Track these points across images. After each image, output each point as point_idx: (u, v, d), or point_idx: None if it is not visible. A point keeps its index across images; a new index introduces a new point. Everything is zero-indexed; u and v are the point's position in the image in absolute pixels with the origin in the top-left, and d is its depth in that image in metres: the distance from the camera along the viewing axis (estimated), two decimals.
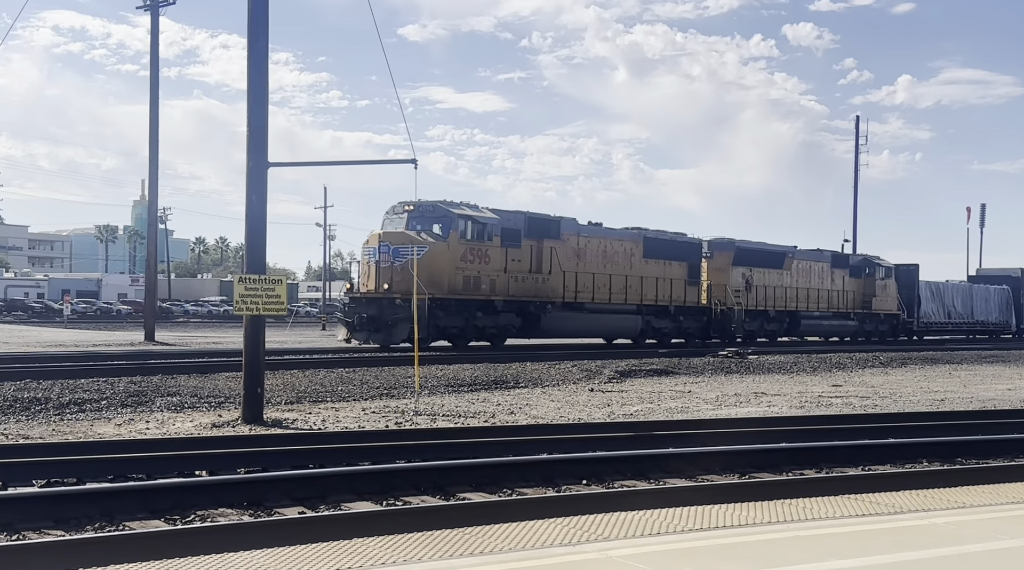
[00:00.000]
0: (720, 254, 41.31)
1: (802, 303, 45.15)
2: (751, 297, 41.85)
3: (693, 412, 15.77)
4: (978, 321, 59.40)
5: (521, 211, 32.66)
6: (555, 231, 33.41)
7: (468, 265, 30.13)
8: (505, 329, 31.83)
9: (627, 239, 36.98)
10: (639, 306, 36.74)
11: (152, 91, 37.35)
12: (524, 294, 31.93)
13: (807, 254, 46.46)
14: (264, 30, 14.10)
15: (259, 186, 14.11)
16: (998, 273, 66.24)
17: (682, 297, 38.58)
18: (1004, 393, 20.76)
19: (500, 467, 9.54)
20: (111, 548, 6.28)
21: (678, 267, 38.62)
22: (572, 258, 33.83)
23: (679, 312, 38.66)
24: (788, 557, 5.50)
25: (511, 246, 31.51)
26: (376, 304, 29.08)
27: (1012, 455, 11.80)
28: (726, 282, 40.73)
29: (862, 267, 49.56)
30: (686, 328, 39.10)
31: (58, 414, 13.92)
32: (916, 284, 53.12)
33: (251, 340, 13.95)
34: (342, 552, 5.64)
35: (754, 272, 42.32)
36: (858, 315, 48.60)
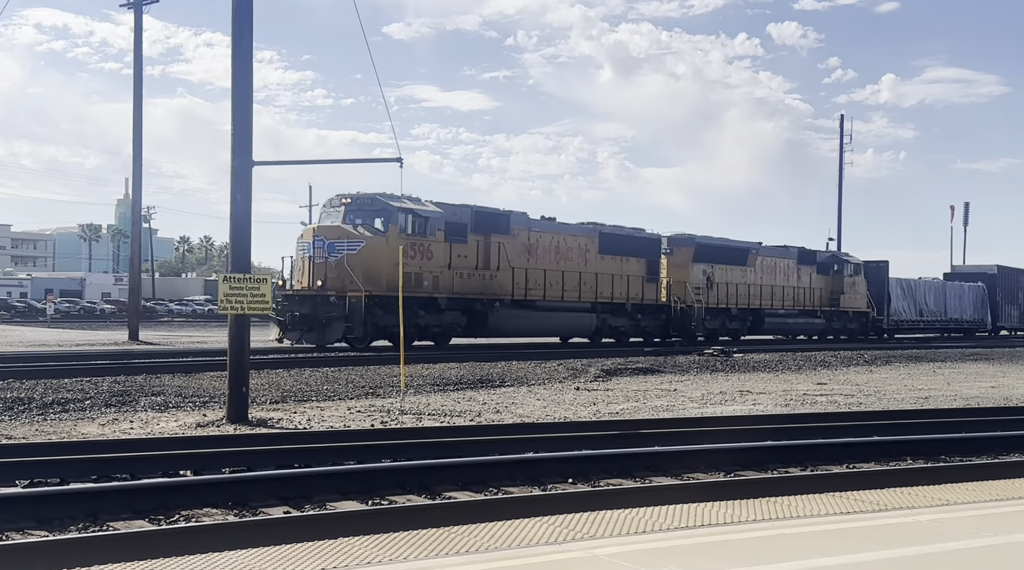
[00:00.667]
0: (680, 250, 40.10)
1: (766, 301, 43.86)
2: (712, 295, 40.68)
3: (679, 410, 15.80)
4: (951, 319, 58.51)
5: (467, 205, 31.29)
6: (504, 226, 32.20)
7: (410, 261, 28.49)
8: (450, 328, 30.54)
9: (582, 234, 35.72)
10: (594, 304, 35.38)
11: (136, 89, 37.17)
12: (470, 291, 30.59)
13: (772, 250, 45.24)
14: (248, 28, 14.06)
15: (244, 185, 14.07)
16: (973, 271, 65.11)
17: (640, 294, 37.34)
18: (988, 391, 20.88)
19: (486, 466, 9.54)
20: (95, 548, 6.25)
21: (636, 264, 37.36)
22: (523, 254, 32.62)
23: (637, 310, 37.40)
24: (773, 555, 5.51)
25: (456, 241, 30.27)
26: (310, 302, 27.79)
27: (995, 453, 11.87)
28: (686, 279, 39.53)
29: (830, 264, 48.45)
30: (644, 327, 37.88)
31: (41, 414, 13.84)
32: (886, 281, 52.14)
33: (236, 339, 13.91)
34: (327, 551, 5.63)
35: (715, 269, 41.04)
36: (825, 313, 47.56)
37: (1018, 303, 65.23)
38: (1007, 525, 6.47)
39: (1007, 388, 21.64)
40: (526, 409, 15.57)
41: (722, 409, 16.17)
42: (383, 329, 28.38)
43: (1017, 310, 64.99)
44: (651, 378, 22.40)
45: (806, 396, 18.72)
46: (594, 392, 18.65)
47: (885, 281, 51.75)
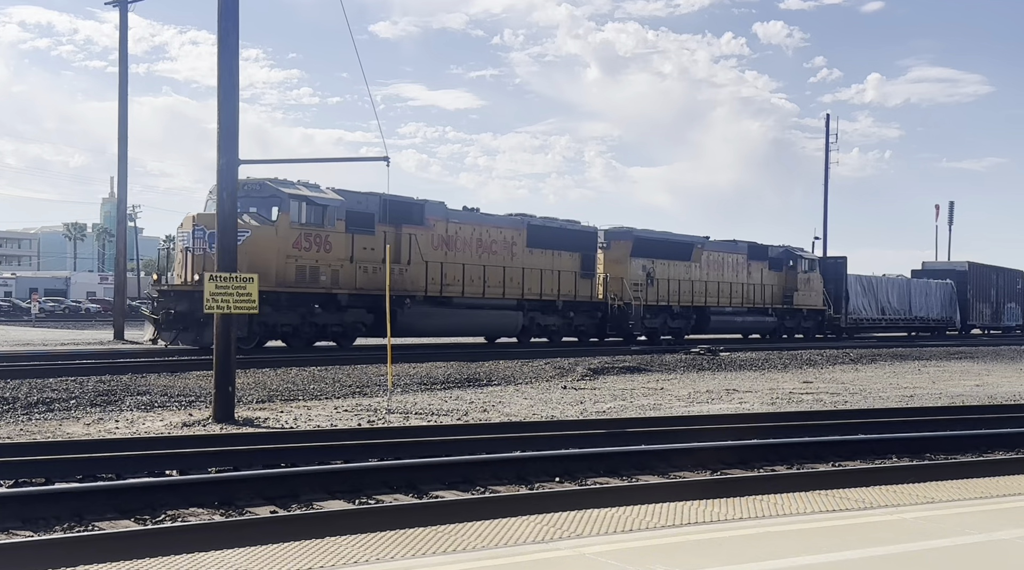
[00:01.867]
0: (618, 244, 37.86)
1: (712, 298, 41.47)
2: (652, 291, 38.40)
3: (665, 409, 15.83)
4: (917, 317, 56.66)
5: (376, 193, 28.86)
6: (418, 216, 30.03)
7: (303, 253, 26.36)
8: (353, 327, 28.29)
9: (508, 226, 33.36)
10: (520, 301, 33.05)
11: (121, 87, 37.01)
12: (376, 287, 27.55)
13: (719, 245, 43.02)
14: (234, 27, 14.01)
15: (230, 184, 14.03)
16: (943, 268, 63.51)
17: (573, 291, 34.99)
18: (972, 389, 20.99)
19: (473, 465, 9.53)
20: (80, 548, 6.23)
21: (569, 258, 35.03)
22: (439, 246, 30.43)
23: (569, 308, 35.13)
24: (759, 553, 5.53)
25: (361, 232, 27.94)
26: (187, 298, 25.05)
27: (980, 451, 11.94)
28: (624, 275, 37.32)
29: (783, 259, 46.09)
30: (578, 325, 35.75)
31: (26, 414, 13.77)
32: (844, 278, 50.16)
33: (222, 339, 13.87)
34: (314, 551, 5.61)
35: (656, 264, 38.86)
36: (777, 311, 45.32)
37: (990, 301, 63.84)
38: (992, 522, 6.50)
39: (992, 387, 21.75)
40: (513, 408, 15.57)
41: (709, 408, 16.21)
42: (273, 329, 26.50)
43: (989, 308, 63.59)
44: (638, 377, 22.43)
45: (792, 395, 18.78)
46: (581, 391, 18.66)
47: (843, 278, 50.06)
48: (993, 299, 63.73)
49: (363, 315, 28.15)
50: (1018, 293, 67.62)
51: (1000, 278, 65.12)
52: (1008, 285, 65.97)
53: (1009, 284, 66.21)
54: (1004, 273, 66.46)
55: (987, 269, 64.61)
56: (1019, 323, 67.31)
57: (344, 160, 32.86)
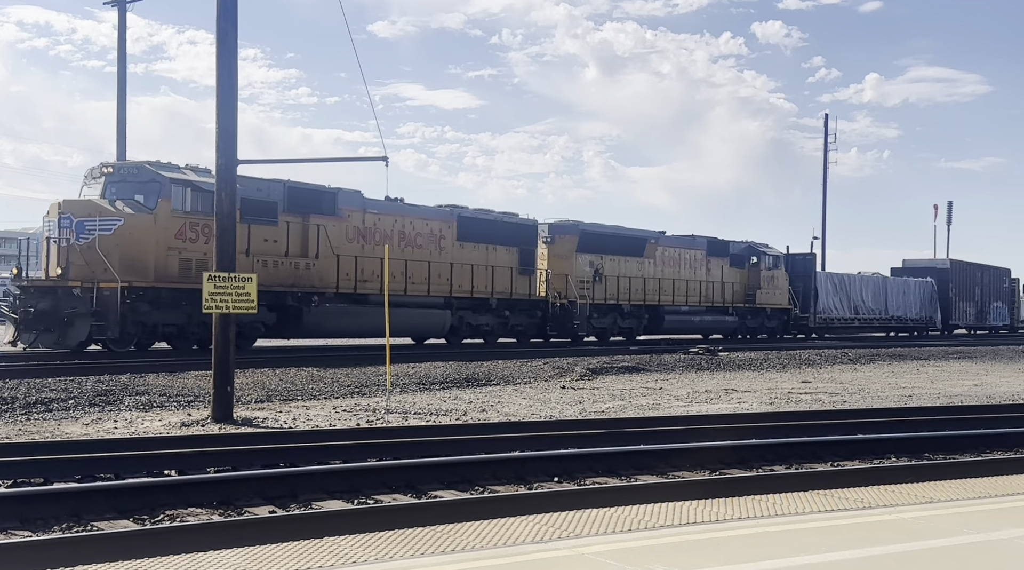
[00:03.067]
0: (562, 239, 35.64)
1: (666, 296, 39.12)
2: (600, 289, 36.08)
3: (664, 409, 15.83)
4: (894, 317, 54.44)
5: (280, 180, 26.36)
6: (329, 205, 27.50)
7: (188, 245, 23.70)
8: (250, 327, 25.19)
9: (436, 219, 31.00)
10: (448, 299, 30.68)
11: (120, 87, 37.04)
12: (278, 283, 25.56)
13: (675, 240, 40.78)
14: (233, 26, 14.01)
15: (229, 184, 14.03)
16: (924, 265, 60.42)
17: (509, 288, 32.58)
18: (971, 389, 21.00)
19: (472, 465, 9.53)
20: (79, 549, 6.22)
21: (505, 253, 32.65)
22: (354, 239, 27.98)
23: (505, 306, 32.66)
24: (758, 553, 5.53)
25: (260, 222, 25.33)
26: (50, 295, 22.71)
27: (978, 451, 11.94)
28: (569, 272, 35.09)
29: (745, 256, 43.71)
30: (515, 325, 33.31)
31: (24, 413, 13.76)
32: (813, 275, 47.80)
33: (220, 339, 13.87)
34: (313, 551, 5.61)
35: (605, 260, 36.52)
36: (739, 310, 42.95)
37: (975, 300, 61.49)
38: (990, 522, 6.50)
39: (990, 386, 21.76)
40: (512, 408, 15.57)
41: (707, 407, 16.21)
42: (153, 329, 24.05)
43: (973, 308, 61.27)
44: (637, 376, 22.44)
45: (791, 394, 18.79)
46: (580, 391, 18.67)
47: (812, 275, 47.74)
48: (978, 298, 61.68)
49: (262, 314, 25.04)
50: (1005, 292, 65.68)
51: (985, 276, 63.04)
52: (994, 284, 63.99)
53: (995, 283, 64.19)
54: (990, 271, 64.35)
55: (971, 267, 62.37)
56: (1006, 323, 65.35)
57: (343, 160, 32.65)
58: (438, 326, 30.65)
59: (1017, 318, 68.04)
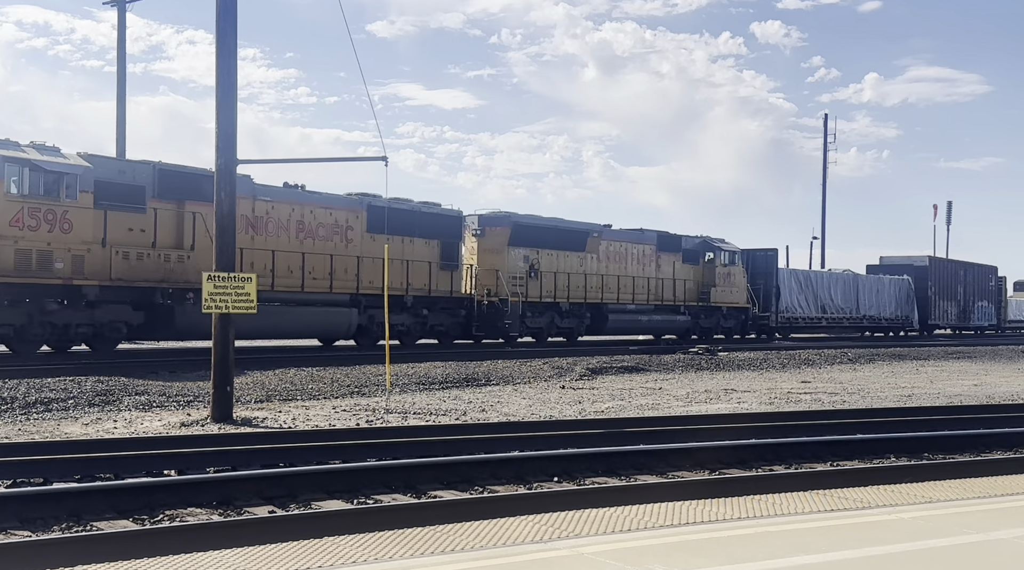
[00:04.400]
0: (493, 231, 32.88)
1: (611, 293, 36.41)
2: (536, 286, 33.43)
3: (664, 409, 15.84)
4: (866, 316, 51.73)
5: (149, 161, 23.70)
6: (210, 191, 25.82)
7: (28, 233, 20.90)
8: (111, 327, 22.62)
9: (341, 208, 28.09)
10: (355, 296, 27.82)
11: (119, 87, 37.04)
12: (145, 277, 22.76)
13: (622, 234, 38.03)
14: (233, 26, 14.00)
15: (228, 184, 14.03)
16: (901, 262, 57.03)
17: (428, 285, 29.96)
18: (970, 389, 21.00)
19: (471, 465, 9.53)
20: (78, 549, 6.22)
21: (425, 246, 30.04)
22: (242, 229, 23.87)
23: (423, 304, 30.01)
24: (758, 552, 5.53)
25: (120, 208, 22.40)
26: None
27: (978, 450, 11.95)
28: (500, 267, 32.38)
29: (700, 251, 41.00)
30: (434, 325, 30.60)
31: (24, 413, 13.76)
32: (775, 272, 44.89)
33: (220, 339, 13.87)
34: (312, 551, 5.61)
35: (542, 255, 33.82)
36: (692, 309, 40.20)
37: (956, 299, 58.54)
38: (990, 522, 6.50)
39: (990, 386, 21.77)
40: (512, 408, 15.58)
41: (707, 407, 16.21)
42: None
43: (955, 307, 58.34)
44: (636, 376, 22.44)
45: (790, 394, 18.79)
46: (579, 391, 18.67)
47: (774, 272, 44.89)
48: (960, 297, 58.88)
49: (125, 312, 22.71)
50: (991, 291, 62.91)
51: (969, 274, 60.29)
52: (979, 282, 61.27)
53: (980, 281, 61.53)
54: (974, 269, 61.59)
55: (952, 264, 59.87)
56: (992, 323, 62.91)
57: (343, 160, 32.30)
58: (342, 326, 27.91)
59: (1004, 318, 65.89)
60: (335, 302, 27.33)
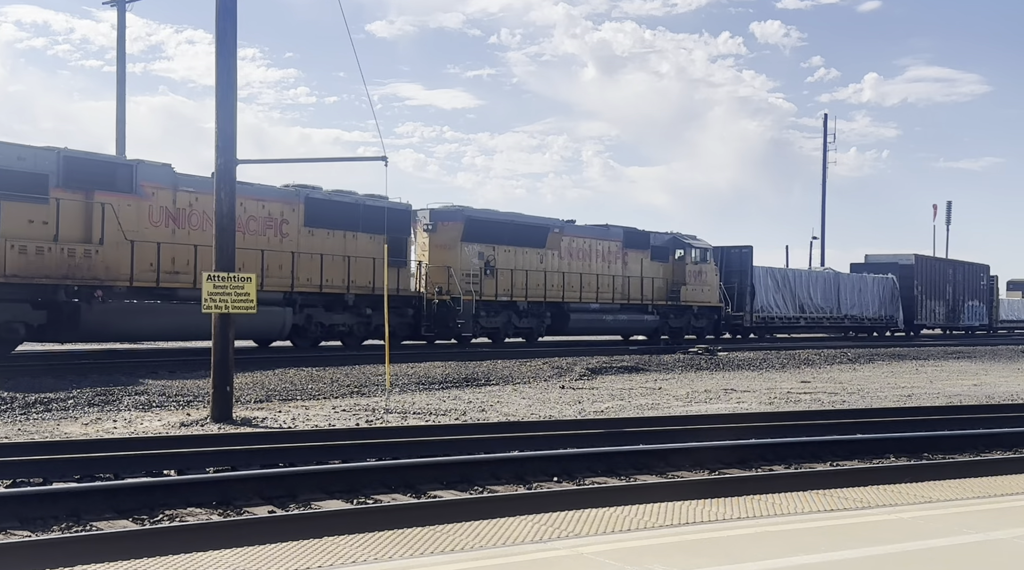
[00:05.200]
0: (445, 226, 31.23)
1: (572, 292, 34.71)
2: (492, 284, 31.75)
3: (663, 409, 15.84)
4: (848, 316, 50.03)
5: (54, 148, 21.78)
6: (124, 181, 22.62)
7: None
8: (6, 328, 20.70)
9: (276, 200, 26.37)
10: (290, 294, 26.08)
11: (119, 87, 37.05)
12: (45, 274, 20.96)
13: (586, 230, 36.37)
14: (233, 26, 14.00)
15: (228, 184, 14.03)
16: (886, 261, 55.29)
17: (371, 282, 27.89)
18: (970, 388, 21.00)
19: (471, 465, 9.53)
20: (78, 549, 6.22)
21: (369, 241, 28.01)
22: (161, 221, 23.20)
23: (366, 303, 28.12)
24: (758, 552, 5.53)
25: (20, 198, 20.55)
26: None
27: (978, 450, 11.95)
28: (453, 263, 30.72)
29: (669, 248, 39.25)
30: (379, 324, 27.53)
31: (24, 413, 13.76)
32: (749, 270, 43.09)
33: (220, 339, 13.87)
34: (311, 551, 5.61)
35: (499, 251, 32.16)
36: (661, 308, 38.43)
37: (945, 298, 56.69)
38: (989, 522, 6.51)
39: (989, 386, 21.77)
40: (511, 408, 15.58)
41: (707, 407, 16.21)
42: None
43: (944, 306, 56.53)
44: (636, 376, 22.45)
45: (790, 394, 18.80)
46: (579, 391, 18.67)
47: (748, 270, 43.09)
48: (949, 296, 57.06)
49: (23, 312, 20.86)
50: (982, 290, 61.09)
51: (958, 273, 58.53)
52: (969, 281, 59.40)
53: (970, 280, 59.65)
54: (964, 268, 59.93)
55: (940, 263, 58.27)
56: (984, 322, 61.23)
57: (342, 159, 32.17)
58: (275, 326, 25.89)
59: (996, 318, 64.11)
60: (267, 301, 24.74)
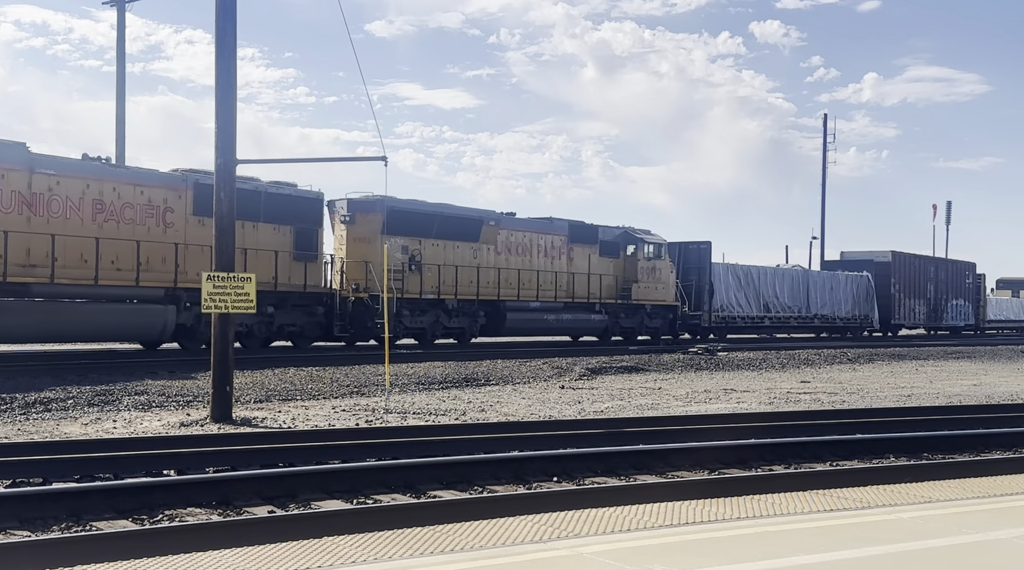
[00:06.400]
0: (364, 218, 28.69)
1: (509, 289, 32.31)
2: (417, 281, 29.48)
3: (663, 409, 15.84)
4: (818, 315, 47.73)
5: None
6: None
7: None
8: None
9: (157, 186, 23.69)
10: (173, 290, 23.51)
11: (119, 87, 37.06)
12: None
13: (526, 224, 33.95)
14: (232, 26, 14.00)
15: (228, 184, 14.03)
16: (862, 258, 53.01)
17: (276, 277, 25.63)
18: (970, 388, 21.01)
19: (471, 465, 9.53)
20: (78, 549, 6.22)
21: (273, 233, 25.71)
22: (14, 209, 20.96)
23: (269, 300, 25.53)
24: (757, 552, 5.53)
25: None
26: None
27: (978, 450, 11.95)
28: (372, 258, 27.98)
29: (619, 244, 36.85)
30: (284, 324, 26.42)
31: (23, 413, 13.76)
32: (708, 267, 40.75)
33: (220, 339, 13.87)
34: (311, 551, 5.61)
35: (425, 245, 29.85)
36: (610, 307, 36.12)
37: (926, 297, 54.27)
38: (989, 522, 6.50)
39: (989, 386, 21.77)
40: (511, 408, 15.58)
41: (707, 407, 16.21)
42: None
43: (924, 305, 54.13)
44: (636, 376, 22.45)
45: (790, 394, 18.80)
46: (579, 391, 18.67)
47: (707, 267, 40.77)
48: (930, 295, 54.66)
49: None
50: (968, 289, 58.70)
51: (941, 271, 56.34)
52: (953, 279, 57.19)
53: (955, 278, 57.38)
54: (947, 265, 57.95)
55: (921, 260, 55.30)
56: (970, 323, 58.97)
57: (342, 159, 32.06)
58: (155, 326, 23.49)
59: (983, 317, 61.65)
60: (145, 297, 23.07)
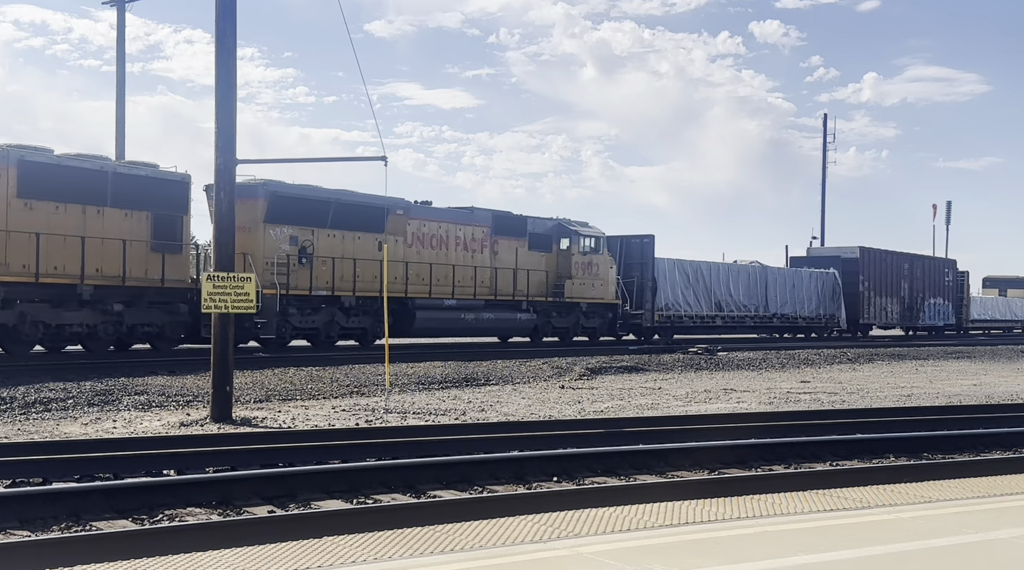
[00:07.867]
0: (244, 204, 23.22)
1: (420, 286, 29.39)
2: (306, 275, 26.55)
3: (663, 409, 15.83)
4: (777, 315, 44.79)
5: None
6: None
7: None
8: None
9: None
10: None
11: (119, 87, 37.05)
12: None
13: (440, 213, 30.95)
14: (232, 26, 14.00)
15: (228, 184, 14.03)
16: (828, 254, 50.34)
17: (126, 271, 22.89)
18: (970, 388, 21.00)
19: (470, 464, 9.53)
20: (78, 548, 6.22)
21: (124, 219, 22.89)
22: None
23: (114, 296, 22.86)
24: (757, 552, 5.53)
25: None
26: None
27: (978, 450, 11.95)
28: (253, 249, 25.08)
29: (552, 237, 34.19)
30: (136, 324, 23.58)
31: (23, 413, 13.76)
32: (651, 263, 37.84)
33: (220, 338, 13.86)
34: (311, 551, 5.61)
35: (319, 236, 26.97)
36: (540, 305, 33.33)
37: (900, 295, 51.55)
38: (989, 522, 6.50)
39: (989, 386, 21.77)
40: (511, 407, 15.58)
41: (706, 407, 16.21)
42: None
43: (898, 304, 51.45)
44: (636, 376, 22.45)
45: (790, 394, 18.79)
46: (579, 390, 18.67)
47: (650, 263, 37.84)
48: (904, 293, 51.95)
49: None
50: (947, 287, 55.97)
51: (916, 268, 53.38)
52: (931, 277, 54.46)
53: (932, 276, 54.62)
54: (923, 262, 55.03)
55: (893, 257, 51.86)
56: (950, 322, 56.48)
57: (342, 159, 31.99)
58: None
59: (966, 317, 59.23)
60: None
